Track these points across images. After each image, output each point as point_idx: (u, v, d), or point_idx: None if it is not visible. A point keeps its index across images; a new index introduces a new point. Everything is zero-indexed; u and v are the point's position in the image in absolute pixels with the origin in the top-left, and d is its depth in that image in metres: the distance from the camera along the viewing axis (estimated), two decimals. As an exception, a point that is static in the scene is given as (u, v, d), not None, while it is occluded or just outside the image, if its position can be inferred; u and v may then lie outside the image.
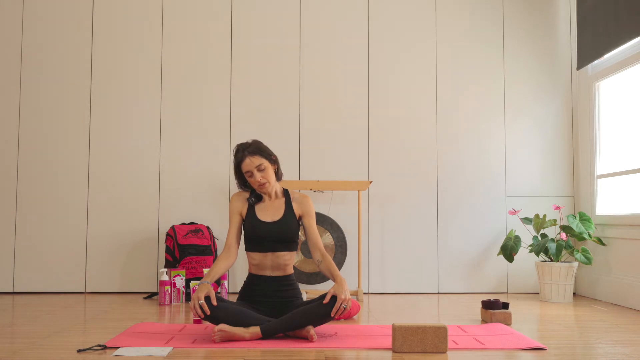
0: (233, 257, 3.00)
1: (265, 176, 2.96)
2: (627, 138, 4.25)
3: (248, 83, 4.71)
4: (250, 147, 2.96)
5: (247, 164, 2.94)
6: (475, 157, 4.74)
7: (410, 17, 4.79)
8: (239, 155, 2.97)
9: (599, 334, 3.06)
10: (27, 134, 4.63)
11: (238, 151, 2.98)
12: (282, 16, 4.75)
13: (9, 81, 4.66)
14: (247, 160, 2.94)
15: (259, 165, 2.94)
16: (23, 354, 2.50)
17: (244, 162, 2.95)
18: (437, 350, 2.55)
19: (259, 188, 2.99)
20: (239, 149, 2.98)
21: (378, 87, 4.74)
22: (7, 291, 4.55)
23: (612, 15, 4.19)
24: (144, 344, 2.65)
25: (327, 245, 4.39)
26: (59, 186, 4.61)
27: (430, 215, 4.69)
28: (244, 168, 2.96)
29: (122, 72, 4.69)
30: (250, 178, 2.97)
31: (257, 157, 2.94)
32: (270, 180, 2.98)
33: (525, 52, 4.80)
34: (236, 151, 2.99)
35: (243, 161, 2.95)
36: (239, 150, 2.98)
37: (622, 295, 4.07)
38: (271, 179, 2.99)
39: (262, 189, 2.99)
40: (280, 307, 2.95)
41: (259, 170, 2.94)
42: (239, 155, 2.97)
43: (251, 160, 2.93)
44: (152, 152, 4.66)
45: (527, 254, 4.59)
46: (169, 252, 4.34)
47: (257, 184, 2.96)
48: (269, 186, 2.99)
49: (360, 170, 4.69)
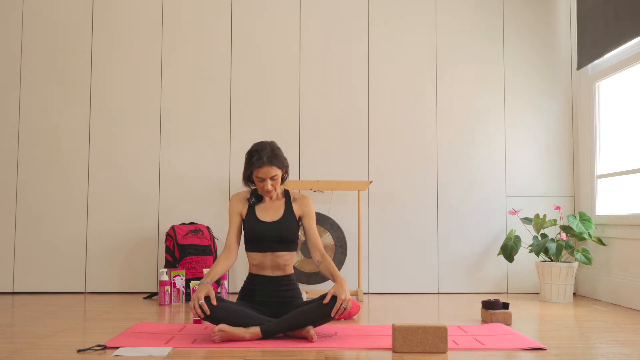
0: (233, 257, 3.00)
1: (275, 184, 2.95)
2: (627, 138, 4.25)
3: (248, 83, 4.71)
4: (269, 154, 2.89)
5: (263, 172, 2.89)
6: (476, 156, 4.74)
7: (410, 17, 4.79)
8: (258, 161, 2.87)
9: (599, 334, 3.06)
10: (27, 134, 4.63)
11: (256, 154, 2.89)
12: (282, 16, 4.75)
13: (9, 81, 4.66)
14: (264, 169, 2.88)
15: (273, 175, 2.91)
16: (23, 354, 2.50)
17: (261, 170, 2.88)
18: (437, 350, 2.55)
19: (265, 193, 2.98)
20: (259, 154, 2.89)
21: (378, 87, 4.73)
22: (7, 291, 4.55)
23: (612, 15, 4.19)
24: (144, 344, 2.65)
25: (327, 245, 4.39)
26: (59, 186, 4.61)
27: (430, 215, 4.69)
28: (258, 173, 2.90)
29: (122, 72, 4.69)
30: (260, 183, 2.93)
31: (274, 168, 2.90)
32: (277, 187, 2.98)
33: (526, 52, 4.80)
34: (254, 153, 2.90)
35: (260, 168, 2.88)
36: (259, 154, 2.89)
37: (622, 295, 4.07)
38: (278, 186, 2.98)
39: (267, 194, 2.98)
40: (280, 307, 2.95)
41: (271, 179, 2.92)
42: (258, 161, 2.87)
43: (268, 169, 2.88)
44: (152, 152, 4.66)
45: (527, 254, 4.59)
46: (169, 252, 4.34)
47: (264, 190, 2.95)
48: (274, 193, 2.99)
49: (360, 170, 4.69)
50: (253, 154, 2.91)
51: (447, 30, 4.78)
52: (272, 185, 2.92)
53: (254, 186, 3.04)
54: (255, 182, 2.97)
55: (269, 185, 2.91)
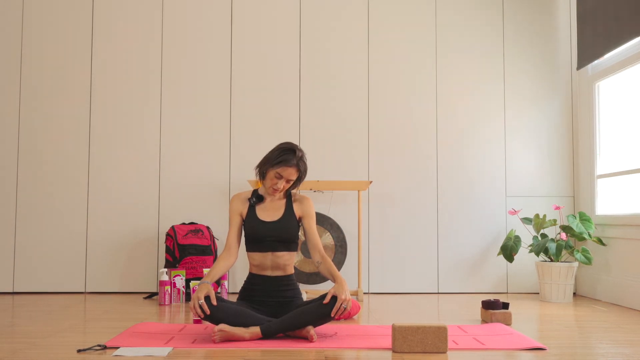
0: (233, 257, 3.00)
1: (286, 187, 2.97)
2: (627, 138, 4.25)
3: (248, 83, 4.71)
4: (299, 158, 2.91)
5: (287, 172, 2.90)
6: (475, 157, 4.74)
7: (410, 17, 4.79)
8: (288, 161, 2.88)
9: (599, 334, 3.06)
10: (27, 134, 4.63)
11: (289, 153, 2.89)
12: (282, 16, 4.75)
13: (9, 81, 4.66)
14: (290, 170, 2.89)
15: (291, 179, 2.93)
16: (23, 354, 2.50)
17: (286, 169, 2.89)
18: (437, 350, 2.55)
19: (272, 192, 2.97)
20: (292, 153, 2.89)
21: (378, 87, 4.73)
22: (7, 291, 4.55)
23: (612, 15, 4.19)
24: (144, 344, 2.65)
25: (327, 245, 4.39)
26: (59, 186, 4.61)
27: (430, 215, 4.69)
28: (281, 171, 2.89)
29: (122, 73, 4.69)
30: (275, 179, 2.92)
31: (296, 173, 2.91)
32: (283, 191, 3.00)
33: (525, 52, 4.80)
34: (288, 151, 2.90)
35: (287, 168, 2.88)
36: (292, 154, 2.89)
37: (622, 295, 4.07)
38: (283, 191, 3.01)
39: (274, 192, 2.98)
40: (280, 307, 2.95)
41: (287, 181, 2.94)
42: (288, 161, 2.88)
43: (292, 172, 2.90)
44: (152, 152, 4.66)
45: (527, 254, 4.59)
46: (169, 252, 4.34)
47: (274, 187, 2.94)
48: (277, 194, 3.00)
49: (360, 170, 4.69)
50: (286, 152, 2.91)
51: (447, 31, 4.78)
52: (283, 186, 2.94)
53: (263, 180, 3.00)
54: (268, 176, 2.94)
55: (281, 185, 2.92)
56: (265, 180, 2.98)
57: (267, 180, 2.96)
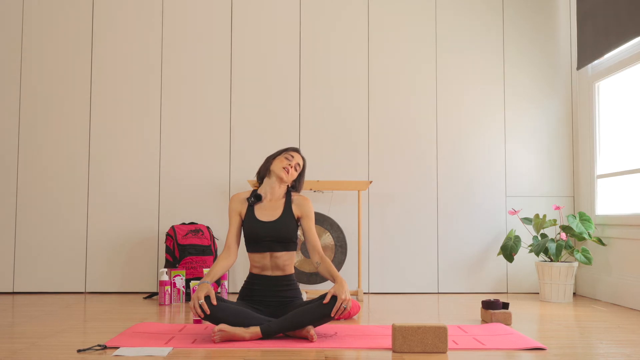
0: (233, 257, 3.01)
1: (294, 173, 3.08)
2: (627, 138, 4.25)
3: (248, 83, 4.71)
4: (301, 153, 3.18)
5: (297, 157, 3.09)
6: (475, 157, 4.74)
7: (410, 17, 4.79)
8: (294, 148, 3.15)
9: (599, 334, 3.06)
10: (27, 134, 4.63)
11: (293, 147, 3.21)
12: (282, 17, 4.75)
13: (9, 81, 4.66)
14: (297, 155, 3.10)
15: (299, 163, 3.09)
16: (23, 354, 2.50)
17: (295, 154, 3.09)
18: (437, 350, 2.55)
19: (284, 172, 3.03)
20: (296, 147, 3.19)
21: (378, 87, 4.74)
22: (7, 291, 4.55)
23: (612, 15, 4.19)
24: (144, 344, 2.65)
25: (327, 246, 4.39)
26: (59, 186, 4.61)
27: (430, 215, 4.69)
28: (288, 155, 3.07)
29: (122, 73, 4.69)
30: (287, 160, 3.05)
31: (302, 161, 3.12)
32: (291, 180, 3.08)
33: (525, 52, 4.80)
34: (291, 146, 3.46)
35: (295, 152, 3.10)
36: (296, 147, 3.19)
37: (622, 295, 4.07)
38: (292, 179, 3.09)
39: (285, 172, 3.03)
40: (280, 307, 2.95)
41: (295, 170, 3.08)
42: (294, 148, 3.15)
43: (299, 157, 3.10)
44: (152, 152, 4.66)
45: (527, 254, 4.59)
46: (169, 252, 4.34)
47: (287, 166, 3.03)
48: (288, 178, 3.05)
49: (360, 170, 4.69)
50: (290, 146, 3.31)
51: (447, 31, 4.78)
52: (294, 168, 3.06)
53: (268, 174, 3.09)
54: (277, 161, 3.07)
55: (294, 162, 3.06)
56: (273, 169, 3.06)
57: (277, 164, 3.06)
